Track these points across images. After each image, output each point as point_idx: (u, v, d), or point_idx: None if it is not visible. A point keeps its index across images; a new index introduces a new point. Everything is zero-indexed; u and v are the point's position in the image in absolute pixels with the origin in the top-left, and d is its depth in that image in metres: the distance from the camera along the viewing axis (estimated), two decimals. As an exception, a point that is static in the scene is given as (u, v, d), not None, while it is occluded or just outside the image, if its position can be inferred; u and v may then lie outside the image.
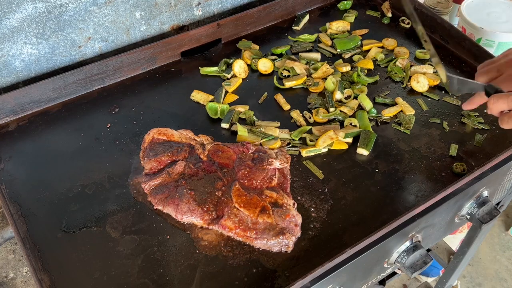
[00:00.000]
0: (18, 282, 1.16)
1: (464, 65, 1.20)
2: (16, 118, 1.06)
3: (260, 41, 1.26)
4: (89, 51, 1.15)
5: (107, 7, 1.10)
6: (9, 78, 1.08)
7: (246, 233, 0.84)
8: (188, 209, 0.86)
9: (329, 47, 1.24)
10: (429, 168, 0.97)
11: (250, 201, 0.87)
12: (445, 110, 1.09)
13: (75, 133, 1.03)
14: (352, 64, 1.18)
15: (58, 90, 1.08)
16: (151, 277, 0.80)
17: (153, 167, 0.94)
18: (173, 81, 1.16)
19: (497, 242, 2.13)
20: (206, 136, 1.00)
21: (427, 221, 0.92)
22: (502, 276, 2.03)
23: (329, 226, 0.87)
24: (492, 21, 1.34)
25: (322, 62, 1.18)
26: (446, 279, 1.48)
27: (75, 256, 0.83)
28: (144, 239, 0.85)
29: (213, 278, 0.80)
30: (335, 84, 1.11)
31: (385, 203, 0.91)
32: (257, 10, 1.27)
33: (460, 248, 1.33)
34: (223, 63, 1.17)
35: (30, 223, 0.87)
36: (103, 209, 0.89)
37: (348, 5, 1.38)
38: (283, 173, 0.94)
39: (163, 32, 1.24)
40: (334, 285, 0.84)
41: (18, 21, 1.01)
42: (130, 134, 1.03)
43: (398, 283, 1.99)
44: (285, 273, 0.81)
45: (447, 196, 0.92)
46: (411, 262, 0.92)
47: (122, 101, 1.10)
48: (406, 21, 1.31)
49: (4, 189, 0.92)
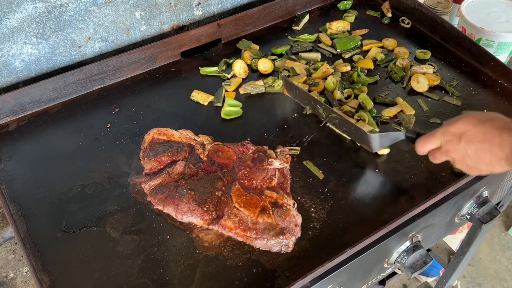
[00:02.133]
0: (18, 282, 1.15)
1: (464, 65, 1.20)
2: (16, 118, 1.06)
3: (260, 41, 1.26)
4: (89, 51, 1.15)
5: (107, 7, 1.10)
6: (9, 78, 1.08)
7: (246, 233, 0.84)
8: (188, 209, 0.86)
9: (329, 47, 1.24)
10: (429, 168, 0.97)
11: (250, 201, 0.87)
12: (445, 110, 1.09)
13: (75, 133, 1.03)
14: (352, 64, 1.18)
15: (58, 90, 1.08)
16: (151, 277, 0.80)
17: (153, 167, 0.94)
18: (173, 81, 1.16)
19: (497, 242, 2.13)
20: (206, 136, 1.00)
21: (427, 221, 0.92)
22: (502, 276, 2.02)
23: (329, 226, 0.87)
24: (492, 21, 1.34)
25: (322, 62, 1.18)
26: (446, 279, 1.48)
27: (75, 256, 0.83)
28: (144, 239, 0.85)
29: (213, 278, 0.80)
30: (335, 84, 1.11)
31: (385, 203, 0.91)
32: (257, 10, 1.27)
33: (460, 248, 1.33)
34: (223, 63, 1.17)
35: (30, 223, 0.87)
36: (103, 209, 0.89)
37: (348, 5, 1.38)
38: (283, 173, 0.94)
39: (163, 32, 1.24)
40: (334, 285, 0.84)
41: (18, 21, 1.01)
42: (130, 134, 1.03)
43: (398, 283, 1.99)
44: (285, 273, 0.81)
45: (447, 196, 0.92)
46: (411, 262, 0.92)
47: (122, 101, 1.10)
48: (406, 21, 1.31)
49: (4, 189, 0.92)
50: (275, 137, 1.03)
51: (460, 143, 0.78)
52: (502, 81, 1.14)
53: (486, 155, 0.76)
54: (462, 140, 0.78)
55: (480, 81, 1.15)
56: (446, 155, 0.82)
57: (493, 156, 0.75)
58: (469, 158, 0.78)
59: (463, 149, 0.78)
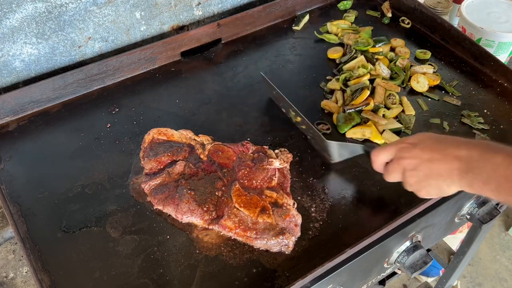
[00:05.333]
0: (18, 282, 1.15)
1: (464, 65, 1.20)
2: (16, 118, 1.06)
3: (260, 41, 1.26)
4: (89, 51, 1.15)
5: (107, 7, 1.10)
6: (9, 78, 1.08)
7: (246, 233, 0.84)
8: (188, 209, 0.86)
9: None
10: (429, 168, 0.97)
11: (250, 201, 0.87)
12: (445, 110, 1.09)
13: (75, 133, 1.03)
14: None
15: (58, 90, 1.08)
16: (151, 277, 0.80)
17: (153, 167, 0.94)
18: (173, 81, 1.16)
19: (497, 242, 2.13)
20: (206, 136, 1.00)
21: (427, 221, 0.92)
22: (502, 276, 2.02)
23: (329, 226, 0.87)
24: (492, 21, 1.34)
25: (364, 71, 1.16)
26: (446, 279, 1.48)
27: (75, 256, 0.83)
28: (144, 239, 0.85)
29: (213, 278, 0.80)
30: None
31: (385, 203, 0.91)
32: (257, 10, 1.27)
33: (460, 248, 1.33)
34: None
35: (30, 223, 0.87)
36: (103, 209, 0.89)
37: (348, 5, 1.38)
38: (283, 173, 0.94)
39: (163, 32, 1.24)
40: (334, 285, 0.84)
41: (18, 21, 1.01)
42: (130, 134, 1.03)
43: (398, 283, 1.99)
44: (285, 273, 0.81)
45: (447, 196, 0.92)
46: (411, 262, 0.92)
47: (122, 101, 1.10)
48: (406, 21, 1.31)
49: (4, 189, 0.92)
50: (275, 137, 1.03)
51: (414, 149, 0.76)
52: (502, 81, 1.14)
53: (439, 165, 0.74)
54: (417, 147, 0.76)
55: (480, 81, 1.15)
56: (397, 165, 0.79)
57: (446, 165, 0.73)
58: (421, 167, 0.75)
59: (417, 155, 0.76)
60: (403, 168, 0.79)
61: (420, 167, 0.76)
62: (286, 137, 1.03)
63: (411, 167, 0.77)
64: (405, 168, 0.78)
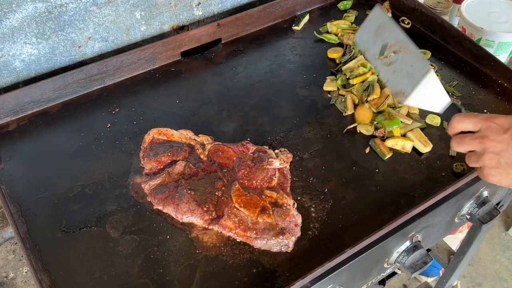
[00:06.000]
0: (18, 282, 1.15)
1: (464, 65, 1.19)
2: (16, 118, 1.06)
3: (260, 41, 1.26)
4: (89, 51, 1.15)
5: (107, 7, 1.10)
6: (9, 78, 1.08)
7: (246, 233, 0.84)
8: (188, 209, 0.86)
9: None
10: (429, 168, 0.97)
11: (250, 201, 0.87)
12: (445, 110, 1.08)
13: (75, 133, 1.03)
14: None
15: (58, 90, 1.08)
16: (151, 277, 0.80)
17: (153, 167, 0.94)
18: (173, 81, 1.16)
19: (497, 242, 2.13)
20: (206, 136, 1.00)
21: (427, 221, 0.92)
22: (502, 276, 2.02)
23: (329, 226, 0.87)
24: (492, 21, 1.34)
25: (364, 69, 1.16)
26: (446, 279, 1.48)
27: (75, 256, 0.83)
28: (144, 239, 0.85)
29: (213, 278, 0.80)
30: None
31: (385, 203, 0.91)
32: (257, 10, 1.27)
33: (460, 248, 1.33)
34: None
35: (30, 223, 0.87)
36: (103, 209, 0.89)
37: (348, 5, 1.38)
38: (283, 173, 0.94)
39: (163, 32, 1.24)
40: (334, 285, 0.84)
41: (18, 21, 1.01)
42: (130, 134, 1.03)
43: (398, 283, 1.99)
44: (285, 273, 0.81)
45: (447, 196, 0.92)
46: (411, 262, 0.92)
47: (122, 101, 1.10)
48: (406, 21, 1.31)
49: (4, 189, 0.92)
50: (275, 137, 1.03)
51: (503, 135, 0.71)
52: (502, 81, 1.14)
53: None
54: (508, 132, 0.71)
55: (480, 81, 1.15)
56: (478, 143, 0.74)
57: None
58: (506, 155, 0.71)
59: (505, 142, 0.71)
60: (484, 147, 0.74)
61: (504, 154, 0.72)
62: (286, 137, 1.03)
63: (494, 151, 0.73)
64: (487, 149, 0.74)
